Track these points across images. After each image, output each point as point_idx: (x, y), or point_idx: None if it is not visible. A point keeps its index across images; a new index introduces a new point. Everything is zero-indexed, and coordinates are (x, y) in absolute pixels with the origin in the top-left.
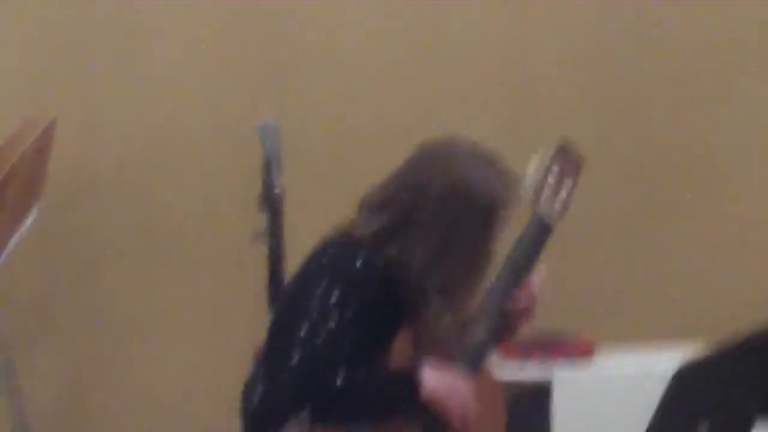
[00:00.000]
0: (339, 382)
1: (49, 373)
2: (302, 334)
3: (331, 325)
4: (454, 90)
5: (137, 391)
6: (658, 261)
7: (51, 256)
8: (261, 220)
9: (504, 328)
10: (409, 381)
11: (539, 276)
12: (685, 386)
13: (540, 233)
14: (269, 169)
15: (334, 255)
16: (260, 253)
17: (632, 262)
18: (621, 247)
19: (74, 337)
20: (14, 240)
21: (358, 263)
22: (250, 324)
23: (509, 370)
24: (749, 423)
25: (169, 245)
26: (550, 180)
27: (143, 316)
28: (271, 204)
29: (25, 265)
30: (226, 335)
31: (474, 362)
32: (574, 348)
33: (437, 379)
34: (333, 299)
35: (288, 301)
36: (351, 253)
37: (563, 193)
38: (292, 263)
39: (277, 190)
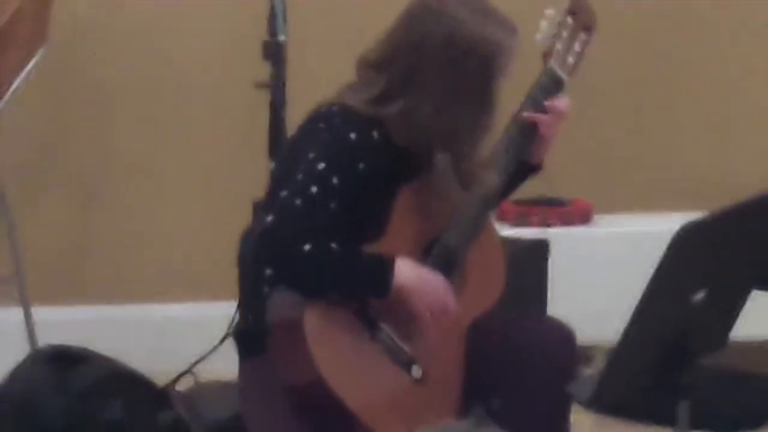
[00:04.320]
0: (307, 248)
1: (49, 217)
2: (283, 195)
3: (314, 189)
4: None
5: (138, 237)
6: (661, 131)
7: (55, 100)
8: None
9: (526, 166)
10: (383, 269)
11: (564, 103)
12: (683, 250)
13: (552, 87)
14: (274, 16)
15: (328, 126)
16: (264, 100)
17: (634, 130)
18: (624, 114)
19: (76, 181)
20: (19, 80)
21: (353, 135)
22: (252, 173)
23: (507, 231)
24: (746, 292)
25: (174, 90)
26: (564, 34)
27: (147, 161)
28: (275, 52)
29: (29, 107)
30: (228, 184)
31: (483, 211)
32: (571, 211)
33: (413, 277)
34: (320, 167)
35: (282, 163)
36: (345, 126)
37: (576, 48)
38: (295, 112)
39: (281, 38)
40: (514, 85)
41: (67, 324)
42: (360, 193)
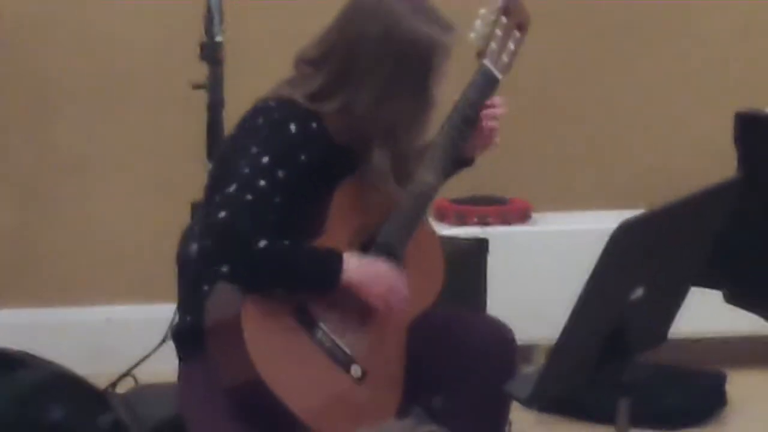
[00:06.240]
0: (261, 245)
1: None
2: (231, 190)
3: (262, 183)
4: None
5: (75, 238)
6: (599, 129)
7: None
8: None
9: (460, 161)
10: (332, 263)
11: (499, 105)
12: (621, 247)
13: (486, 86)
14: (211, 17)
15: (268, 120)
16: (201, 101)
17: (573, 128)
18: (562, 112)
19: (23, 176)
20: None
21: (292, 127)
22: (190, 174)
23: (445, 230)
24: (684, 289)
25: (112, 90)
26: (498, 33)
27: (84, 161)
28: (212, 53)
29: None
30: (167, 184)
31: (420, 208)
32: (510, 210)
33: (360, 269)
34: (264, 160)
35: (222, 160)
36: (284, 118)
37: (510, 47)
38: (233, 113)
39: (218, 39)
40: (450, 83)
41: (5, 327)
42: (303, 186)
